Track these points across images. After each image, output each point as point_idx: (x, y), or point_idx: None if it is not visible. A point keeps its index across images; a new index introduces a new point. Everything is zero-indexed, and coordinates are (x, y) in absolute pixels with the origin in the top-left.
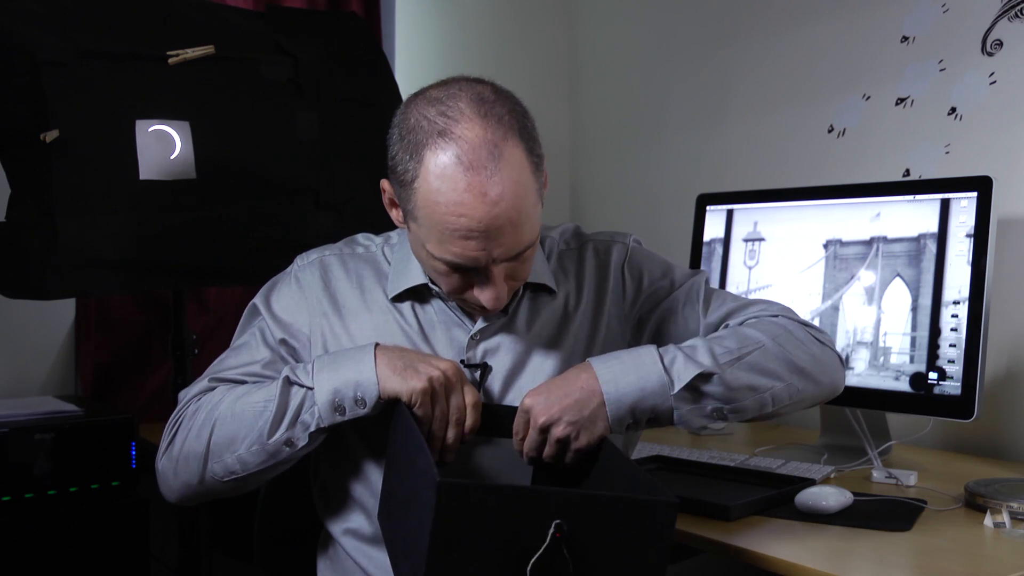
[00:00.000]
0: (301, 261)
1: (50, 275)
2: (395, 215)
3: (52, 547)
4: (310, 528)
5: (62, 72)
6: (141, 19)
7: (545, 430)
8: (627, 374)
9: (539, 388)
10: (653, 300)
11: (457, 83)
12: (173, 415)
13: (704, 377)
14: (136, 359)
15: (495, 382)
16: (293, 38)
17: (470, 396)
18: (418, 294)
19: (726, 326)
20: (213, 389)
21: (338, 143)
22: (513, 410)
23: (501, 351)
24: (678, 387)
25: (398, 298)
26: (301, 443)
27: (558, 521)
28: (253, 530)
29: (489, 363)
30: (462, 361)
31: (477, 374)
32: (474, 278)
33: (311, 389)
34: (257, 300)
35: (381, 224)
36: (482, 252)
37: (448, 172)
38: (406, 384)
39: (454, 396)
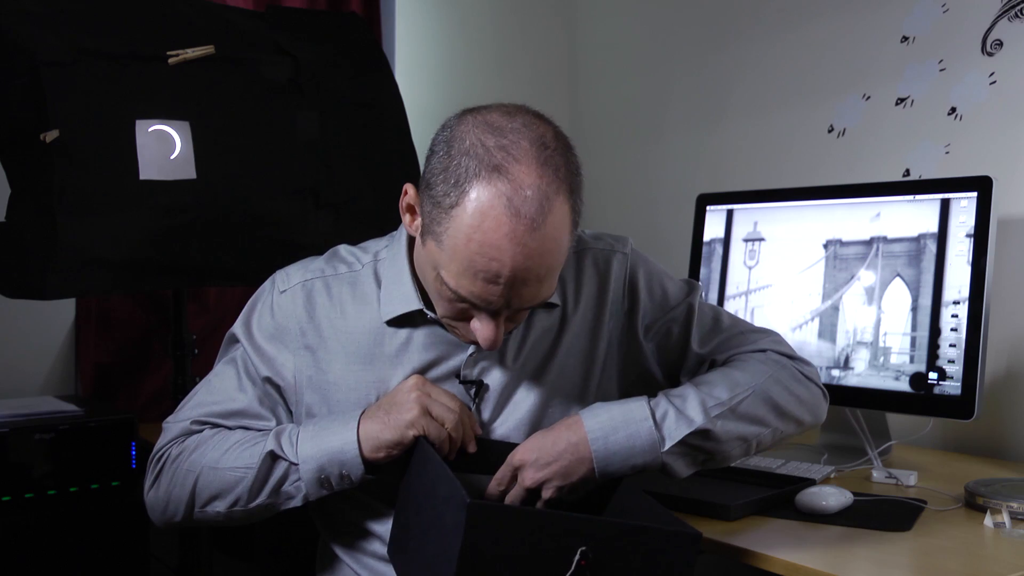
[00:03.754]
0: (283, 285)
1: (50, 275)
2: (410, 222)
3: (52, 547)
4: (310, 528)
5: (62, 72)
6: (141, 19)
7: (533, 490)
8: (617, 431)
9: (529, 445)
10: (654, 315)
11: (523, 115)
12: (156, 451)
13: (696, 434)
14: (136, 359)
15: (490, 399)
16: (293, 38)
17: (444, 395)
18: (412, 316)
19: (714, 361)
20: (191, 435)
21: (338, 143)
22: (506, 446)
23: (496, 369)
24: (668, 445)
25: (392, 322)
26: (285, 507)
27: (584, 548)
28: (253, 530)
29: (485, 381)
30: (456, 375)
31: (472, 391)
32: (475, 314)
33: (295, 464)
34: (237, 330)
35: (381, 224)
36: (501, 299)
37: (493, 212)
38: (398, 432)
39: (439, 399)
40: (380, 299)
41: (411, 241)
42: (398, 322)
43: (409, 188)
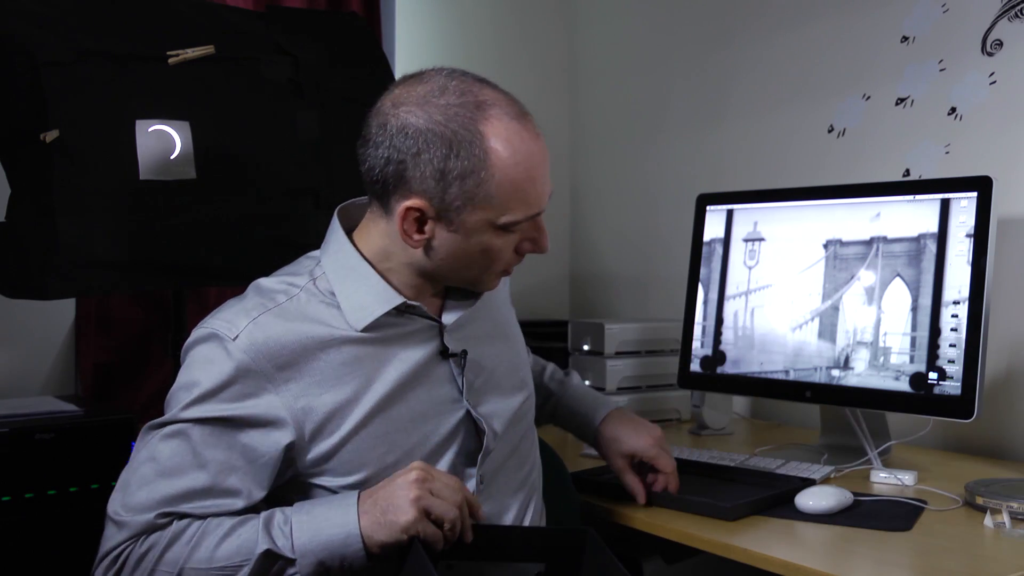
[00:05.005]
0: (230, 332)
1: (50, 275)
2: (419, 238)
3: (52, 547)
4: None
5: (62, 72)
6: (141, 19)
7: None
8: None
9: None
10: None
11: (420, 75)
12: (110, 550)
13: None
14: (136, 359)
15: (472, 365)
16: (293, 38)
17: (446, 488)
18: (383, 315)
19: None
20: (161, 528)
21: (338, 143)
22: (501, 530)
23: (468, 340)
24: None
25: (367, 328)
26: None
27: None
28: None
29: (466, 349)
30: (442, 353)
31: (462, 364)
32: (526, 234)
33: (293, 561)
34: (176, 412)
35: None
36: (547, 193)
37: (512, 132)
38: (394, 536)
39: (440, 494)
40: (343, 311)
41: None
42: (372, 327)
43: (417, 203)
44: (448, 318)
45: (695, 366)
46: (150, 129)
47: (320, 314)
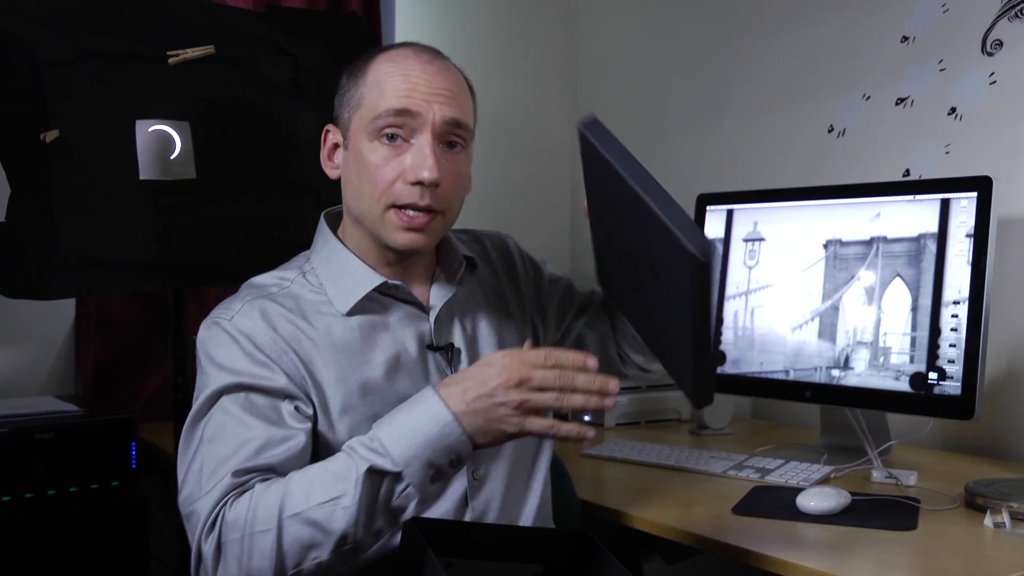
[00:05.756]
0: (227, 315)
1: (50, 275)
2: (331, 164)
3: (52, 547)
4: None
5: (62, 72)
6: (141, 19)
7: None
8: None
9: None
10: (546, 276)
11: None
12: (204, 528)
13: None
14: (136, 359)
15: (464, 362)
16: (293, 38)
17: (552, 359)
18: (368, 301)
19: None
20: (243, 488)
21: None
22: (506, 529)
23: (458, 335)
24: None
25: (352, 311)
26: (392, 528)
27: None
28: None
29: (454, 343)
30: (429, 346)
31: (448, 357)
32: (411, 159)
33: (399, 474)
34: (201, 393)
35: None
36: (424, 102)
37: (397, 54)
38: (498, 439)
39: (537, 381)
40: (331, 298)
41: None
42: (358, 309)
43: (328, 126)
44: (435, 301)
45: None
46: (150, 129)
47: (309, 300)
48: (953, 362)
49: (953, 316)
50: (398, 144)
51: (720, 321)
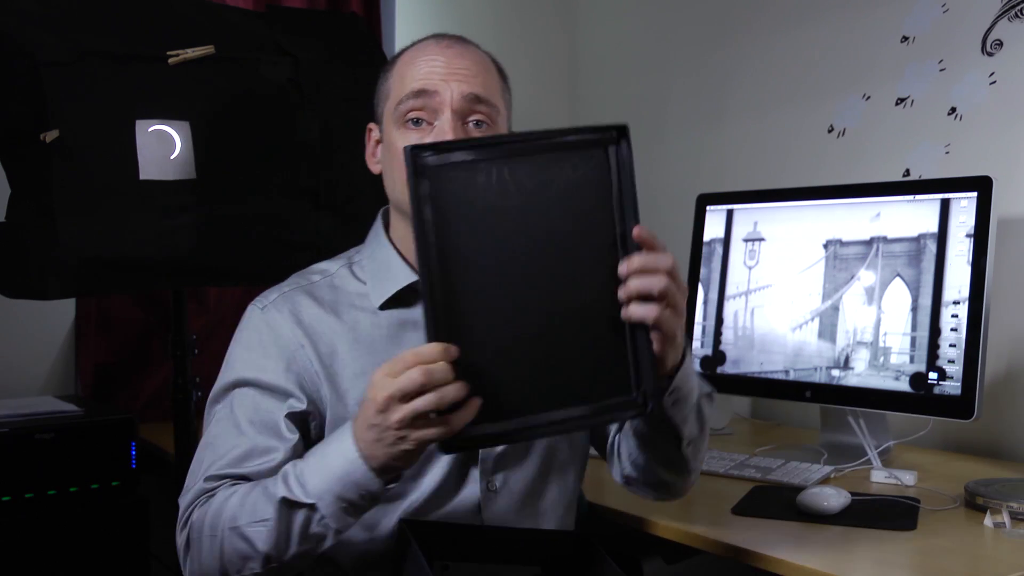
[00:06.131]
0: (261, 303)
1: (50, 275)
2: (373, 160)
3: (52, 547)
4: None
5: (62, 72)
6: (141, 19)
7: None
8: None
9: None
10: None
11: None
12: (180, 523)
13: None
14: (136, 359)
15: None
16: (293, 38)
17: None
18: (404, 299)
19: None
20: (212, 493)
21: (338, 143)
22: (504, 531)
23: None
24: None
25: (385, 306)
26: (321, 550)
27: None
28: None
29: None
30: None
31: None
32: (434, 119)
33: (313, 507)
34: (222, 379)
35: None
36: (442, 81)
37: (420, 45)
38: (391, 456)
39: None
40: (369, 291)
41: (387, 230)
42: (392, 304)
43: (370, 126)
44: None
45: (695, 366)
46: (150, 129)
47: (348, 293)
48: (953, 362)
49: (953, 316)
50: (423, 128)
51: (720, 321)
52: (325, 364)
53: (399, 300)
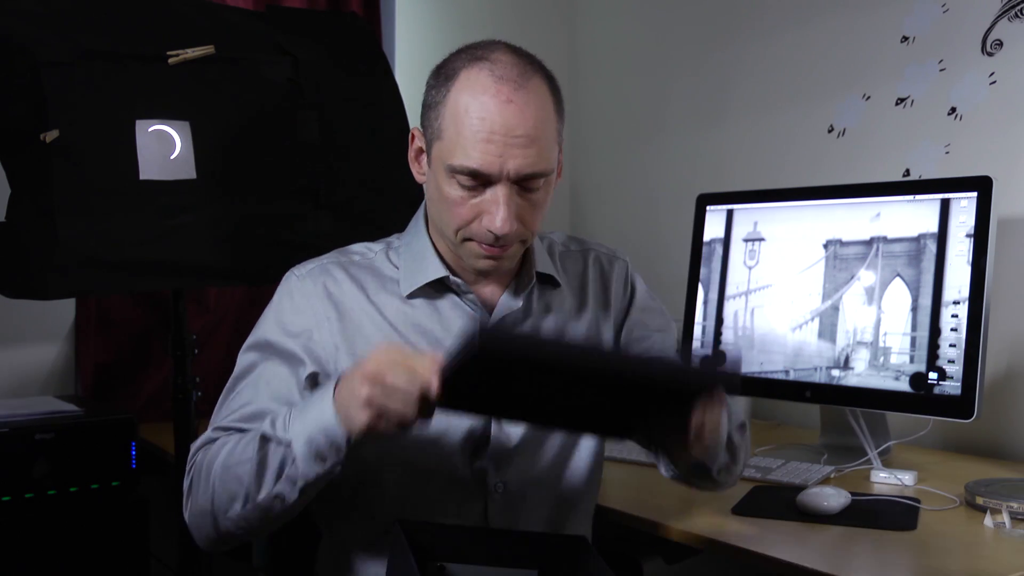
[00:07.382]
0: (299, 272)
1: (50, 275)
2: (417, 168)
3: (52, 547)
4: (310, 528)
5: (62, 72)
6: (141, 19)
7: None
8: None
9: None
10: (641, 331)
11: (494, 40)
12: (187, 466)
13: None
14: (136, 359)
15: None
16: (293, 38)
17: (409, 363)
18: (433, 290)
19: None
20: (214, 441)
21: (338, 143)
22: (501, 534)
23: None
24: None
25: (413, 295)
26: (292, 498)
27: None
28: None
29: None
30: None
31: None
32: (484, 205)
33: (289, 444)
34: (253, 339)
35: (380, 223)
36: (498, 159)
37: (478, 83)
38: (354, 430)
39: (393, 388)
40: (400, 279)
41: (427, 222)
42: (420, 294)
43: (414, 131)
44: (500, 310)
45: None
46: (150, 129)
47: (383, 276)
48: (953, 362)
49: (953, 316)
50: (476, 191)
51: (720, 321)
52: (348, 337)
53: (426, 291)
